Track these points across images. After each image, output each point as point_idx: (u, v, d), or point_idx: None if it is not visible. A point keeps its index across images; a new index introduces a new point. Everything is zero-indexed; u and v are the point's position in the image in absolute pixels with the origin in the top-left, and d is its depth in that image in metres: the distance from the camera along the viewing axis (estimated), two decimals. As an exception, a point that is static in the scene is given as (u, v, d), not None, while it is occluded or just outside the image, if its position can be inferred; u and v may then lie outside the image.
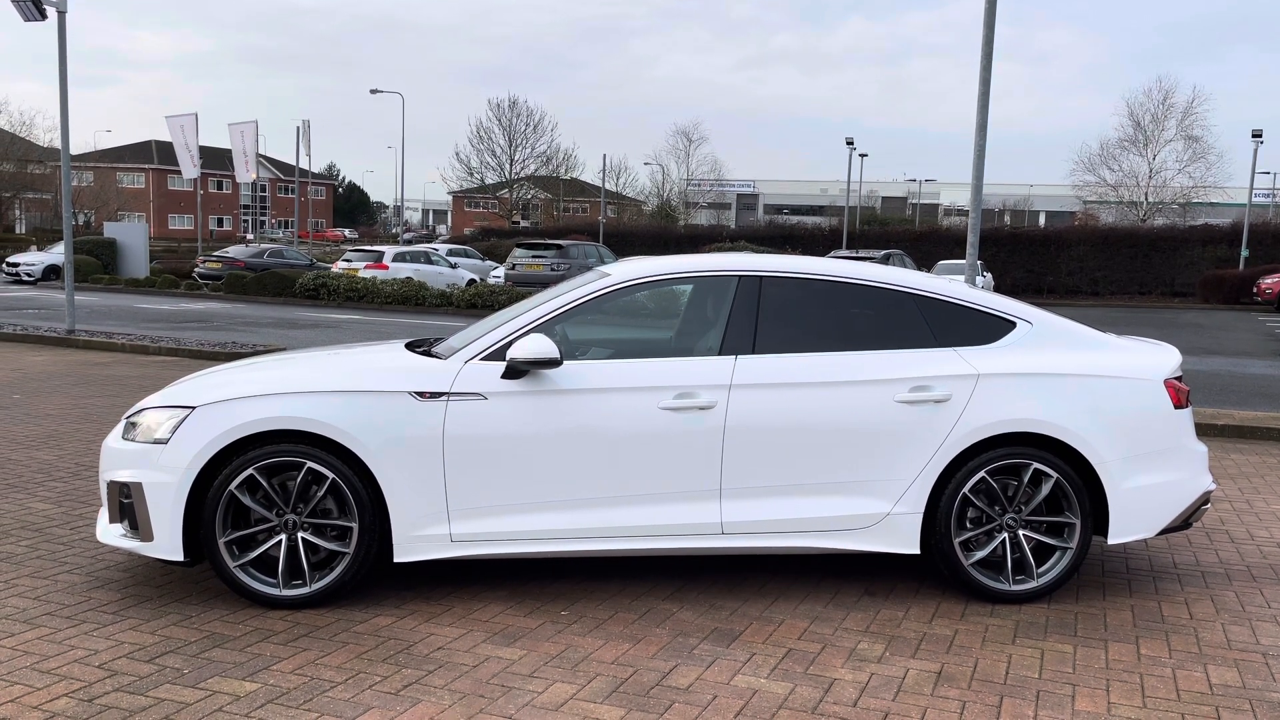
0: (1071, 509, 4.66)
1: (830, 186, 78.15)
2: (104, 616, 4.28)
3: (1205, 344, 19.66)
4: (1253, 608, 4.76)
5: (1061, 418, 4.63)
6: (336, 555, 4.43)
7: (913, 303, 4.85)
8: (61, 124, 15.37)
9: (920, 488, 4.61)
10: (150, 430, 4.49)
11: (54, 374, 11.59)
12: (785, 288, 4.83)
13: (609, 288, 4.80)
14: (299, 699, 3.57)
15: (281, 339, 16.19)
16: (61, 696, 3.54)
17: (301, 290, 24.62)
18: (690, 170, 71.72)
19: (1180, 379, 4.96)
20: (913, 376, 4.65)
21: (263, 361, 5.29)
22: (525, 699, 3.63)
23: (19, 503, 6.00)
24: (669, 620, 4.42)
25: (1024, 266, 38.43)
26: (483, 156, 63.45)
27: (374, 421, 4.41)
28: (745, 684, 3.80)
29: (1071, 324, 5.03)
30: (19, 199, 54.01)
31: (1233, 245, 37.60)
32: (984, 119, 10.71)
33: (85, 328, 16.12)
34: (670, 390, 4.53)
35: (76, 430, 8.21)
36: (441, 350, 4.86)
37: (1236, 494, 7.05)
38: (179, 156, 34.93)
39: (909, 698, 3.72)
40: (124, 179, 74.77)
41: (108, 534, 4.58)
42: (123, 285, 28.02)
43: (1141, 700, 3.74)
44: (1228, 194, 51.31)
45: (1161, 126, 51.37)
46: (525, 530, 4.50)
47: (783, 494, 4.60)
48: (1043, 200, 79.30)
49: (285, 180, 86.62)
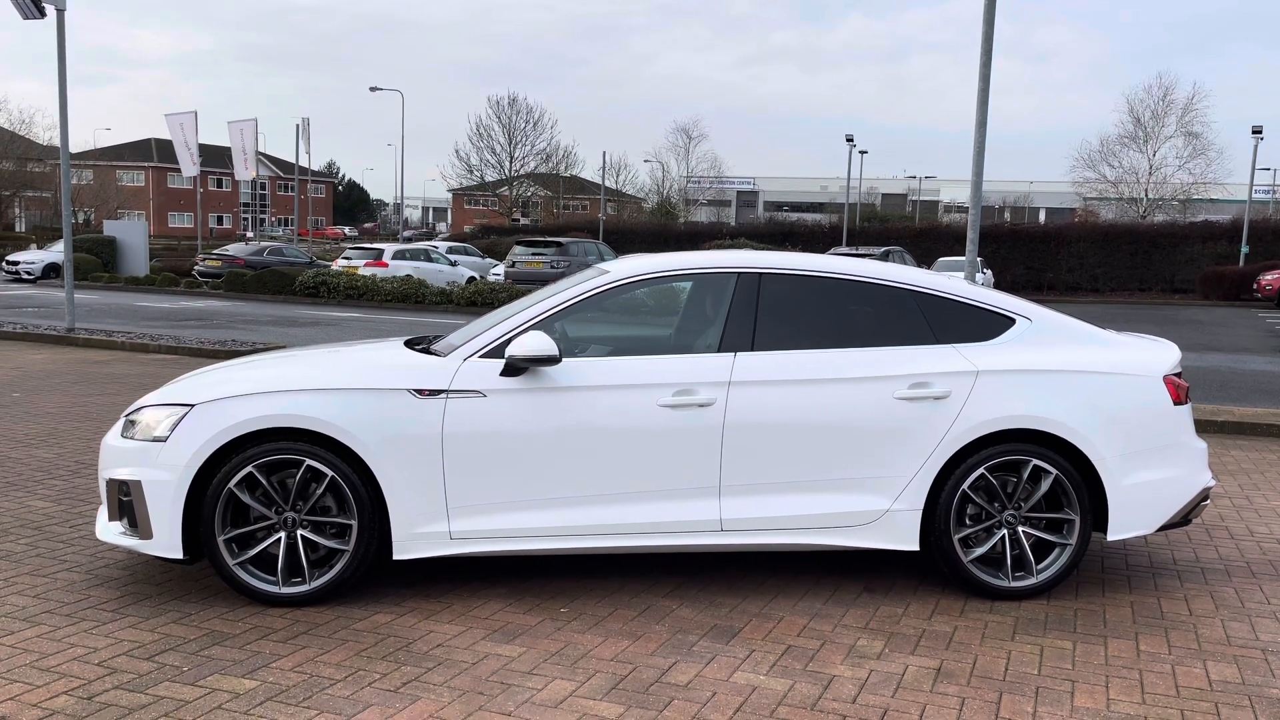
0: (1071, 505, 4.66)
1: (830, 183, 78.14)
2: (103, 614, 4.28)
3: (1205, 340, 19.66)
4: (1252, 604, 4.76)
5: (1061, 414, 4.63)
6: (336, 553, 4.43)
7: (912, 299, 4.84)
8: (60, 122, 15.36)
9: (919, 484, 4.61)
10: (149, 428, 4.49)
11: (54, 372, 11.59)
12: (784, 284, 4.83)
13: (607, 285, 4.80)
14: (298, 696, 3.57)
15: (281, 337, 16.19)
16: (61, 694, 3.54)
17: (301, 288, 24.61)
18: (690, 167, 71.67)
19: (1180, 375, 4.96)
20: (912, 373, 4.64)
21: (261, 359, 5.29)
22: (524, 696, 3.63)
23: (19, 501, 6.00)
24: (668, 617, 4.42)
25: (1024, 263, 38.42)
26: (482, 154, 63.43)
27: (373, 419, 4.40)
28: (744, 681, 3.80)
29: (1070, 320, 5.03)
30: (19, 197, 53.99)
31: (1233, 242, 37.57)
32: (983, 116, 10.71)
33: (85, 326, 16.12)
34: (669, 387, 4.53)
35: (76, 428, 8.21)
36: (440, 348, 4.85)
37: (1236, 490, 7.04)
38: (178, 154, 34.89)
39: (908, 694, 3.72)
40: (124, 177, 74.80)
41: (107, 532, 4.58)
42: (122, 283, 28.03)
43: (1141, 696, 3.74)
44: (1228, 190, 51.25)
45: (1161, 123, 51.35)
46: (524, 528, 4.50)
47: (782, 491, 4.59)
48: (1043, 197, 79.25)
49: (285, 178, 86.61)
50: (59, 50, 14.75)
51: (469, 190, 73.31)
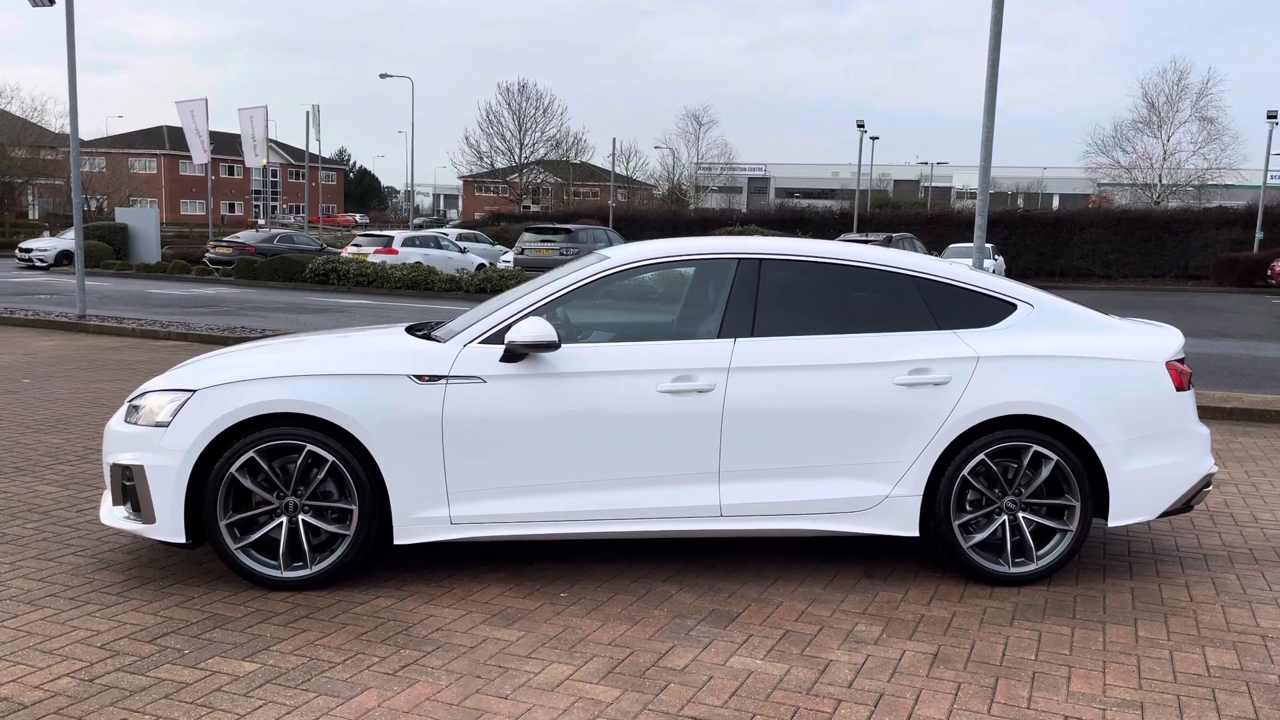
0: (1071, 492, 4.65)
1: (842, 170, 77.84)
2: (107, 597, 4.32)
3: (1217, 327, 19.55)
4: (1254, 590, 4.74)
5: (1062, 400, 4.62)
6: (337, 537, 4.46)
7: (912, 285, 4.83)
8: (70, 109, 15.41)
9: (919, 470, 4.61)
10: (152, 413, 4.52)
11: (64, 358, 11.66)
12: (784, 270, 4.82)
13: (608, 271, 4.80)
14: (297, 679, 3.60)
15: (291, 324, 16.24)
16: (63, 676, 3.58)
17: (311, 275, 24.67)
18: (700, 154, 71.56)
19: (1182, 361, 4.94)
20: (912, 359, 4.64)
21: (264, 345, 5.32)
22: (522, 679, 3.65)
23: (26, 485, 6.05)
24: (667, 602, 4.43)
25: (1036, 250, 38.25)
26: (492, 141, 63.37)
27: (373, 404, 4.42)
28: (741, 665, 3.81)
29: (1073, 306, 5.01)
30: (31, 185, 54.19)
31: (1247, 228, 37.33)
32: (992, 101, 10.65)
33: (96, 313, 16.21)
34: (668, 373, 4.53)
35: (85, 414, 8.27)
36: (441, 334, 4.87)
37: (1243, 477, 7.02)
38: (189, 142, 35.03)
39: (904, 679, 3.73)
40: (136, 164, 74.94)
41: (111, 516, 4.62)
42: (134, 270, 28.15)
43: (1138, 682, 3.74)
44: (1243, 176, 50.88)
45: (1176, 108, 50.97)
46: (524, 513, 4.52)
47: (781, 476, 4.60)
48: (1056, 183, 78.80)
49: (296, 165, 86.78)
50: (68, 36, 14.80)
51: (479, 177, 73.37)
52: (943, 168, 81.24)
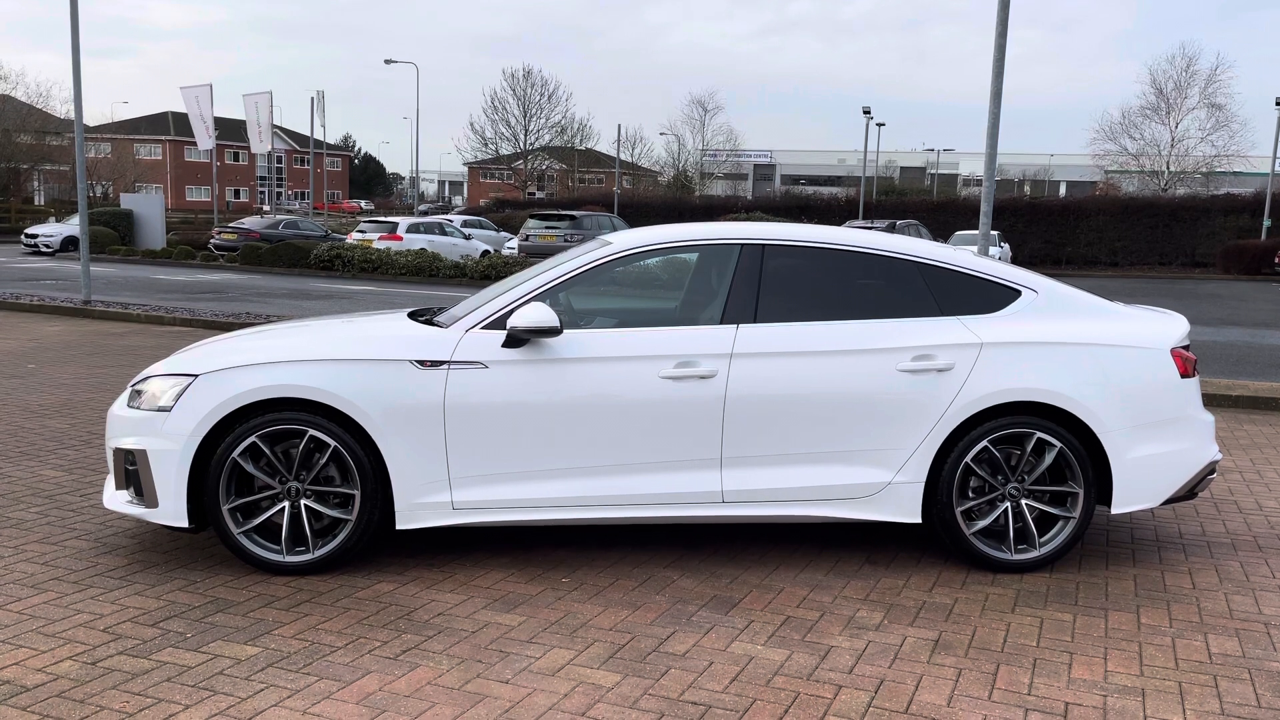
0: (1075, 479, 4.63)
1: (848, 156, 77.61)
2: (110, 581, 4.34)
3: (1224, 315, 19.48)
4: (1257, 578, 4.73)
5: (1065, 387, 4.60)
6: (339, 522, 4.47)
7: (916, 271, 4.81)
8: (75, 95, 15.39)
9: (922, 457, 4.60)
10: (154, 398, 4.52)
11: (69, 344, 11.68)
12: (787, 256, 4.80)
13: (610, 256, 4.78)
14: (299, 663, 3.61)
15: (295, 310, 16.25)
16: (65, 659, 3.59)
17: (316, 261, 24.67)
18: (706, 140, 71.34)
19: (1187, 348, 4.92)
20: (915, 345, 4.62)
21: (267, 330, 5.32)
22: (522, 664, 3.66)
23: (31, 470, 6.07)
24: (668, 588, 4.43)
25: (1042, 237, 38.13)
26: (497, 127, 63.23)
27: (375, 390, 4.42)
28: (741, 650, 3.81)
29: (1077, 292, 4.98)
30: (37, 171, 54.18)
31: (1255, 215, 37.15)
32: (999, 87, 10.58)
33: (101, 298, 16.23)
34: (671, 359, 4.52)
35: (90, 399, 8.28)
36: (443, 319, 4.86)
37: (1248, 464, 7.00)
38: (194, 128, 34.93)
39: (905, 665, 3.73)
40: (141, 150, 74.99)
41: (114, 500, 4.63)
42: (139, 256, 28.19)
43: (1139, 669, 3.74)
44: (1251, 163, 50.60)
45: (1184, 94, 50.60)
46: (526, 498, 4.52)
47: (784, 463, 4.59)
48: (1063, 170, 78.49)
49: (301, 151, 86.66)
50: (72, 21, 14.76)
51: (484, 164, 73.24)
52: (949, 155, 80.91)
